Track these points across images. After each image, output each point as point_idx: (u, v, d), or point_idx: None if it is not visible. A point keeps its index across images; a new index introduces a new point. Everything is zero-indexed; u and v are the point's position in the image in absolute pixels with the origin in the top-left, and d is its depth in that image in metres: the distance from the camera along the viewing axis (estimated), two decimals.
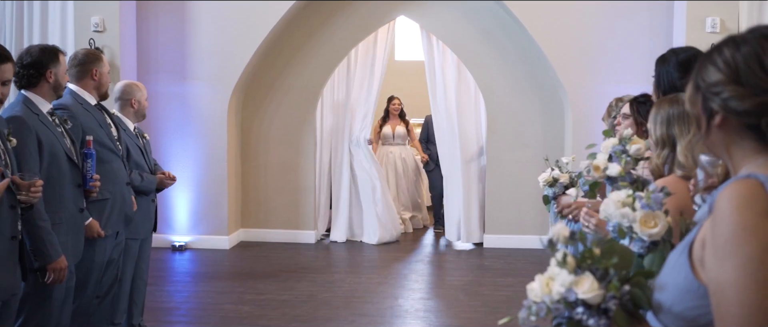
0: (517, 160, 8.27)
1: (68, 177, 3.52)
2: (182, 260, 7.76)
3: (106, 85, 4.20)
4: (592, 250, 1.56)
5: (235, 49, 8.02)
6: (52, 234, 3.28)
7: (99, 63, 4.15)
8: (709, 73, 1.45)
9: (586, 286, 1.50)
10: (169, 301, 6.18)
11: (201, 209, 8.24)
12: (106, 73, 4.20)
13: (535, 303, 1.60)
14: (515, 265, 7.52)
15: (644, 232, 2.02)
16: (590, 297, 1.48)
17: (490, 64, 8.30)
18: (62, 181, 3.46)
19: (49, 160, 3.39)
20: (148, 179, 4.67)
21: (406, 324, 5.73)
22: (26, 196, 3.03)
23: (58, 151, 3.46)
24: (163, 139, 8.09)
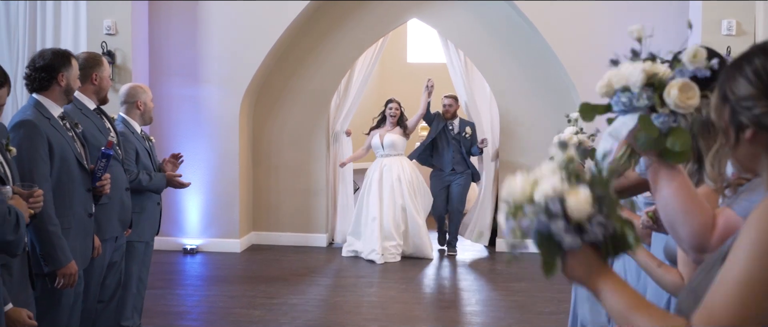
0: (530, 162, 8.20)
1: (78, 181, 3.49)
2: (193, 263, 7.74)
3: (105, 89, 4.15)
4: (602, 173, 1.40)
5: (247, 52, 8.01)
6: (63, 239, 3.26)
7: (99, 67, 4.10)
8: (738, 86, 1.38)
9: (581, 197, 1.35)
10: (180, 305, 6.17)
11: (212, 212, 8.23)
12: (106, 78, 4.15)
13: (518, 209, 1.44)
14: (527, 270, 7.45)
15: (681, 102, 1.77)
16: (578, 210, 1.34)
17: (503, 67, 8.26)
18: (72, 186, 3.44)
19: (59, 165, 3.37)
20: (156, 178, 4.65)
21: None
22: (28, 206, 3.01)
23: (68, 156, 3.44)
24: (174, 142, 8.09)
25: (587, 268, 1.38)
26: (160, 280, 6.87)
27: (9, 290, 2.83)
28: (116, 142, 4.20)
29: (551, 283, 6.82)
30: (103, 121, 4.15)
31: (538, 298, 6.41)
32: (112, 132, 4.22)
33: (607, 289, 1.37)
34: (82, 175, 3.53)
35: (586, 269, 1.38)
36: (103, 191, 3.66)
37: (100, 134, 3.99)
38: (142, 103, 4.68)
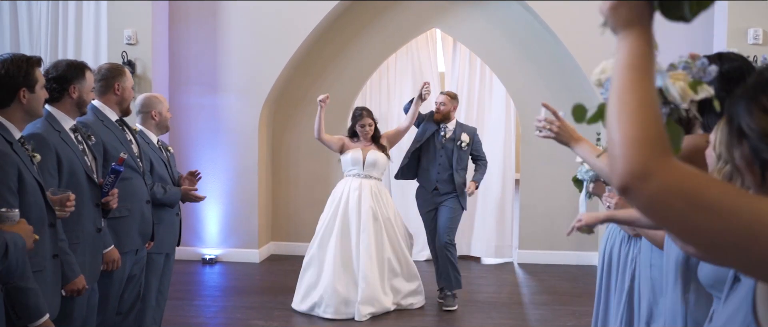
0: (550, 173, 8.11)
1: (87, 196, 3.44)
2: (212, 274, 7.72)
3: (128, 100, 4.12)
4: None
5: (267, 62, 8.00)
6: (70, 254, 3.22)
7: (122, 78, 4.07)
8: (757, 119, 1.22)
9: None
10: (199, 316, 6.13)
11: (231, 222, 8.21)
12: (129, 88, 4.11)
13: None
14: (549, 282, 7.35)
15: (684, 93, 1.81)
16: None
17: (523, 76, 8.17)
18: (81, 201, 3.38)
19: (67, 179, 3.33)
20: (171, 192, 4.60)
21: None
22: (60, 210, 3.00)
23: (77, 170, 3.39)
24: (194, 151, 8.09)
25: (631, 15, 1.22)
26: (179, 290, 6.84)
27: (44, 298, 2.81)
28: (138, 154, 4.16)
29: (572, 297, 6.73)
30: (125, 133, 4.11)
31: (560, 311, 6.30)
32: (134, 144, 4.17)
33: (632, 43, 1.22)
34: (91, 189, 3.47)
35: (629, 15, 1.22)
36: (110, 206, 3.62)
37: (121, 146, 3.95)
38: (157, 113, 4.64)
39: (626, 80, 1.17)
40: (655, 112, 1.15)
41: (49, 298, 2.90)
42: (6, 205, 2.65)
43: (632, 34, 1.21)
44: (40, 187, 2.90)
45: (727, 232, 1.08)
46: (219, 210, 8.21)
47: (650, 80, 1.17)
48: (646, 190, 1.10)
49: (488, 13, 8.16)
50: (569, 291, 6.98)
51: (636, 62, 1.18)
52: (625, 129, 1.13)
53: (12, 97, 2.87)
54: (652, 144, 1.11)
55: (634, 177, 1.10)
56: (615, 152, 1.14)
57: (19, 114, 2.92)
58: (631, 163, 1.11)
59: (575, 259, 8.07)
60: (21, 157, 2.84)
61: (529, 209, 8.27)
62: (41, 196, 2.90)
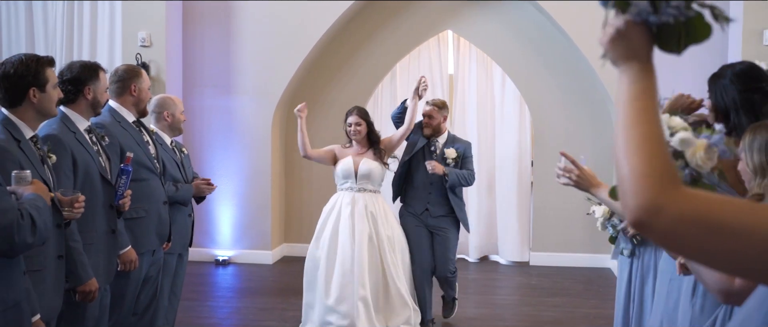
0: None
1: (101, 197, 3.45)
2: (225, 275, 7.74)
3: (144, 101, 4.13)
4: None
5: (280, 64, 8.02)
6: (84, 255, 3.23)
7: (138, 79, 4.08)
8: None
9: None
10: (211, 317, 6.14)
11: (244, 224, 8.23)
12: (145, 89, 4.12)
13: None
14: (563, 285, 7.32)
15: (703, 163, 1.95)
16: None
17: (537, 78, 8.15)
18: (95, 202, 3.40)
19: (82, 180, 3.34)
20: (183, 189, 4.60)
21: None
22: (69, 212, 3.01)
23: (92, 171, 3.40)
24: (207, 153, 8.12)
25: (631, 48, 1.23)
26: (192, 291, 6.86)
27: (40, 297, 2.81)
28: (155, 155, 4.17)
29: (587, 298, 6.69)
30: (142, 134, 4.11)
31: (574, 314, 6.27)
32: (151, 145, 4.18)
33: (633, 78, 1.21)
34: (105, 190, 3.48)
35: (629, 49, 1.23)
36: (124, 208, 3.63)
37: (138, 147, 3.96)
38: (169, 115, 4.66)
39: (629, 115, 1.18)
40: (660, 145, 1.15)
41: (47, 299, 2.90)
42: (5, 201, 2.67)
43: (633, 68, 1.22)
44: (48, 187, 2.91)
45: (749, 249, 1.08)
46: (232, 211, 8.23)
47: (653, 113, 1.18)
48: (660, 223, 1.10)
49: (501, 15, 8.14)
50: (582, 293, 6.95)
51: (638, 96, 1.19)
52: (633, 164, 1.14)
53: (23, 97, 2.89)
54: (660, 177, 1.11)
55: (645, 211, 1.11)
56: (625, 188, 1.14)
57: (31, 113, 2.94)
58: (641, 198, 1.11)
59: (589, 261, 8.03)
60: (27, 155, 2.85)
61: (543, 211, 8.25)
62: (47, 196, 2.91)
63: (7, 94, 2.88)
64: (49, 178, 2.96)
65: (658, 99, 1.20)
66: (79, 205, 3.02)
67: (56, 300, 3.00)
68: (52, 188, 2.95)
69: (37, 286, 2.82)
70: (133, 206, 3.79)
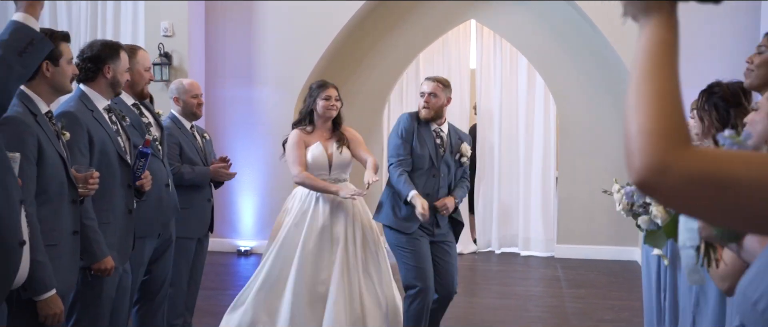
0: (590, 167, 7.96)
1: (118, 177, 3.42)
2: (247, 265, 7.72)
3: (138, 84, 3.95)
4: None
5: (302, 54, 7.98)
6: (99, 233, 3.20)
7: (131, 61, 3.87)
8: None
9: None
10: None
11: (266, 214, 8.20)
12: (138, 71, 3.93)
13: None
14: (588, 277, 7.21)
15: None
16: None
17: (563, 69, 8.03)
18: (112, 181, 3.36)
19: (99, 158, 3.31)
20: (198, 171, 4.56)
21: None
22: (83, 188, 2.99)
23: (109, 150, 3.37)
24: (229, 143, 8.11)
25: (651, 1, 1.13)
26: (213, 280, 6.85)
27: (56, 273, 2.80)
28: (158, 138, 4.08)
29: (612, 290, 6.59)
30: (142, 116, 4.01)
31: (598, 305, 6.17)
32: (155, 127, 4.09)
33: (652, 30, 1.12)
34: (123, 170, 3.44)
35: (649, 1, 1.13)
36: (143, 189, 3.59)
37: (134, 130, 3.84)
38: (179, 100, 4.64)
39: (644, 69, 1.10)
40: (674, 101, 1.07)
41: (62, 275, 2.89)
42: (23, 173, 2.65)
43: (652, 20, 1.13)
44: (64, 162, 2.89)
45: (763, 202, 1.01)
46: (254, 202, 8.22)
47: (671, 68, 1.09)
48: (667, 183, 1.03)
49: (525, 4, 8.03)
50: (608, 285, 6.84)
51: (655, 50, 1.10)
52: (641, 121, 1.06)
53: (36, 70, 2.87)
54: (669, 135, 1.04)
55: (651, 171, 1.03)
56: (631, 146, 1.06)
57: (44, 87, 2.92)
58: (647, 157, 1.03)
59: (614, 254, 7.90)
60: (44, 130, 2.84)
61: (568, 203, 8.14)
62: (63, 171, 2.89)
63: None
64: (64, 153, 2.94)
65: (677, 54, 1.12)
66: (93, 182, 3.00)
67: (72, 276, 2.98)
68: (67, 164, 2.93)
69: (53, 262, 2.80)
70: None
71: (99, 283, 3.29)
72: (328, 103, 4.63)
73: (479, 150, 8.75)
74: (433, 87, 4.56)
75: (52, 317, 2.75)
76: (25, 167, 2.69)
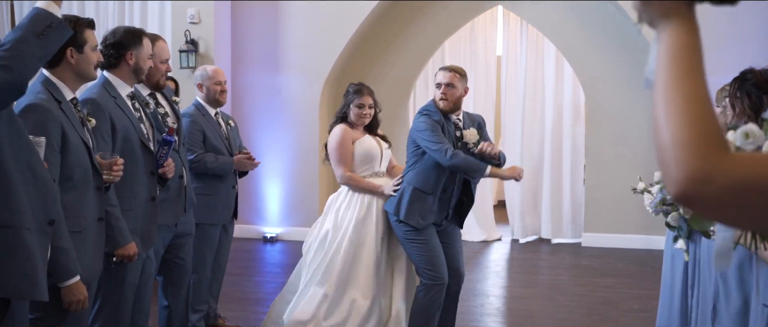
0: (618, 155, 7.86)
1: (142, 164, 3.42)
2: (273, 251, 7.75)
3: (154, 75, 3.85)
4: None
5: (328, 41, 7.96)
6: (121, 219, 3.21)
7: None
8: None
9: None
10: (257, 292, 6.16)
11: (292, 201, 8.23)
12: (156, 63, 3.83)
13: None
14: (615, 266, 7.13)
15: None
16: None
17: (592, 56, 7.92)
18: (135, 168, 3.36)
19: (121, 145, 3.31)
20: (222, 161, 4.55)
21: (496, 323, 5.49)
22: (108, 175, 3.00)
23: (132, 137, 3.37)
24: (255, 130, 8.13)
25: (668, 5, 1.08)
26: (239, 267, 6.89)
27: (80, 259, 2.82)
28: (176, 127, 3.99)
29: (640, 280, 6.51)
30: (158, 107, 3.93)
31: (625, 294, 6.10)
32: (170, 117, 4.02)
33: (673, 37, 1.08)
34: (146, 157, 3.44)
35: (666, 5, 1.08)
36: (166, 177, 3.59)
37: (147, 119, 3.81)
38: (203, 86, 4.64)
39: (670, 76, 1.04)
40: (706, 106, 1.02)
41: (87, 261, 2.90)
42: (46, 160, 2.66)
43: (671, 24, 1.08)
44: (88, 149, 2.90)
45: None
46: (280, 189, 8.24)
47: (698, 72, 1.05)
48: (710, 193, 0.98)
49: None
50: (636, 274, 6.76)
51: (679, 55, 1.05)
52: (675, 131, 1.00)
53: (61, 57, 2.88)
54: (706, 143, 0.99)
55: (692, 182, 0.98)
56: (666, 158, 1.01)
57: (69, 74, 2.93)
58: (686, 168, 0.98)
59: (642, 243, 7.80)
60: (68, 117, 2.85)
61: (595, 191, 8.05)
62: (87, 158, 2.90)
63: None
64: (88, 140, 2.95)
65: (702, 57, 1.07)
66: (118, 168, 3.01)
67: (97, 262, 2.99)
68: (92, 151, 2.94)
69: (78, 249, 2.81)
70: None
71: (122, 270, 3.31)
72: (361, 111, 4.49)
73: (505, 137, 8.70)
74: (450, 77, 4.30)
75: (76, 304, 2.77)
76: (48, 154, 2.70)
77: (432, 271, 4.25)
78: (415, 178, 4.27)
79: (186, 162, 4.11)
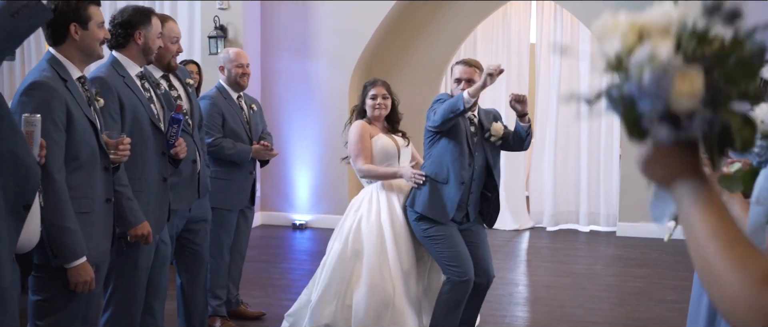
0: None
1: (152, 144, 3.34)
2: (302, 238, 7.71)
3: (165, 56, 3.75)
4: (735, 45, 1.00)
5: (357, 27, 7.87)
6: (133, 199, 3.15)
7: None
8: None
9: (693, 86, 0.97)
10: (283, 278, 6.12)
11: (321, 188, 8.17)
12: (167, 43, 3.73)
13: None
14: (650, 256, 6.94)
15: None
16: (682, 102, 0.97)
17: None
18: (145, 148, 3.29)
19: (130, 125, 3.24)
20: (240, 148, 4.49)
21: (525, 312, 5.36)
22: (115, 154, 2.94)
23: (141, 117, 3.29)
24: (284, 116, 8.09)
25: (670, 169, 1.04)
26: (266, 253, 6.86)
27: (88, 241, 2.77)
28: (187, 110, 3.88)
29: (676, 270, 6.32)
30: (169, 89, 3.82)
31: (660, 285, 5.92)
32: (184, 100, 3.91)
33: (690, 197, 1.03)
34: (156, 137, 3.36)
35: (668, 170, 1.04)
36: (179, 157, 3.52)
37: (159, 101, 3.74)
38: (225, 69, 4.59)
39: (704, 236, 1.00)
40: (745, 243, 0.99)
41: (95, 242, 2.85)
42: (51, 141, 2.61)
43: (683, 186, 1.04)
44: (95, 129, 2.85)
45: None
46: (309, 176, 8.19)
47: (728, 218, 1.00)
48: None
49: None
50: (671, 264, 6.56)
51: (705, 213, 1.01)
52: (730, 281, 0.97)
53: (65, 33, 2.82)
54: (764, 278, 0.95)
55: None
56: (726, 310, 0.97)
57: (74, 51, 2.86)
58: (755, 312, 0.95)
59: (679, 232, 7.53)
60: (74, 96, 2.79)
61: (631, 181, 7.84)
62: (94, 138, 2.84)
63: (49, 29, 2.83)
64: (95, 120, 2.89)
65: (722, 200, 1.02)
66: (124, 148, 2.95)
67: (105, 243, 2.94)
68: (99, 130, 2.88)
69: (85, 230, 2.77)
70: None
71: (134, 253, 3.25)
72: (374, 102, 4.37)
73: (538, 126, 8.55)
74: (470, 72, 4.10)
75: (82, 284, 2.73)
76: (52, 133, 2.65)
77: (457, 267, 4.06)
78: (429, 167, 4.13)
79: (202, 146, 4.01)
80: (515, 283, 6.09)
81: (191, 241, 4.03)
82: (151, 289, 3.49)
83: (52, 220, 2.63)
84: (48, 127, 2.63)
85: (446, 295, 4.12)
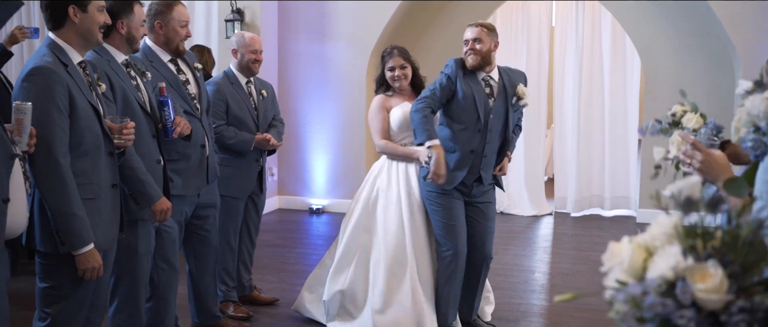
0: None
1: (144, 126, 3.30)
2: (319, 223, 7.70)
3: (173, 40, 3.75)
4: (735, 230, 1.03)
5: (375, 10, 7.80)
6: (148, 175, 3.14)
7: (162, 16, 3.74)
8: None
9: (715, 282, 0.99)
10: (297, 263, 6.10)
11: (338, 173, 8.15)
12: (175, 28, 3.74)
13: (624, 285, 1.10)
14: None
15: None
16: (712, 301, 0.99)
17: (650, 22, 7.57)
18: (138, 132, 3.19)
19: (122, 106, 3.21)
20: (242, 138, 4.42)
21: (540, 300, 5.31)
22: (119, 139, 2.92)
23: (130, 99, 3.24)
24: (301, 100, 8.06)
25: (722, 167, 1.05)
26: (282, 237, 6.86)
27: (95, 227, 2.77)
28: (195, 95, 3.85)
29: None
30: (179, 74, 3.81)
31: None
32: (192, 84, 3.86)
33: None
34: (146, 120, 3.31)
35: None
36: (184, 133, 3.45)
37: (170, 88, 3.69)
38: (237, 52, 4.52)
39: None
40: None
41: (103, 228, 2.83)
42: (55, 126, 2.59)
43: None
44: (98, 114, 2.82)
45: None
46: (326, 160, 8.16)
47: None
48: None
49: None
50: None
51: None
52: None
53: (64, 16, 2.79)
54: None
55: None
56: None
57: (74, 36, 2.82)
58: None
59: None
60: (76, 81, 2.76)
61: (651, 165, 7.73)
62: (97, 123, 2.81)
63: (48, 12, 2.80)
64: (98, 105, 2.86)
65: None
66: (128, 132, 2.92)
67: (112, 229, 2.93)
68: (101, 115, 2.85)
69: (92, 216, 2.76)
70: (170, 148, 3.59)
71: (133, 240, 3.22)
72: (392, 73, 4.37)
73: (557, 109, 8.46)
74: (476, 32, 4.08)
75: (90, 271, 2.72)
76: (56, 118, 2.63)
77: (444, 238, 4.13)
78: (438, 132, 4.10)
79: (210, 131, 3.98)
80: (530, 270, 6.03)
81: (200, 227, 4.03)
82: (160, 273, 3.49)
83: (59, 207, 2.62)
84: (52, 112, 2.61)
85: (439, 264, 4.22)
